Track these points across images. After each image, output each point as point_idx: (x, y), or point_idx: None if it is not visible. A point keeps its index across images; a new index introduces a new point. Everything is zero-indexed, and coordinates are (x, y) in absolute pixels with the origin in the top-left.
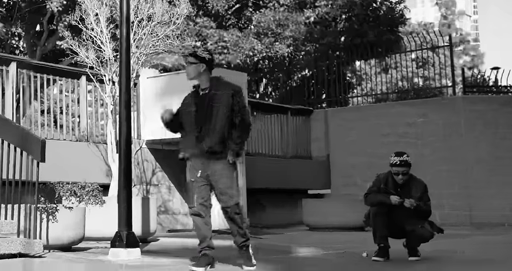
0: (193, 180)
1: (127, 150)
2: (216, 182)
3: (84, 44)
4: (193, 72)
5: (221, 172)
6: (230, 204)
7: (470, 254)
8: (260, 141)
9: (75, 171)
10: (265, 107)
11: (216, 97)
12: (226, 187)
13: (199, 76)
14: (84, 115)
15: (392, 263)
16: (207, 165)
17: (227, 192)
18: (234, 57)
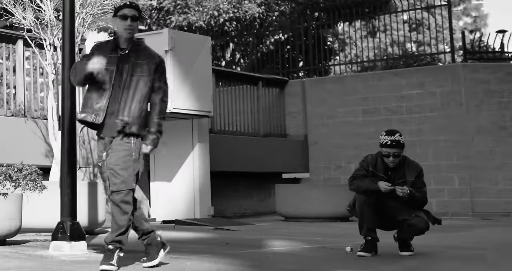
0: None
1: (71, 126)
2: (110, 159)
3: (20, 3)
4: (136, 29)
5: (115, 148)
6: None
7: (467, 249)
8: (227, 116)
9: (10, 151)
10: (232, 76)
11: (137, 65)
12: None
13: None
14: (20, 86)
15: (380, 258)
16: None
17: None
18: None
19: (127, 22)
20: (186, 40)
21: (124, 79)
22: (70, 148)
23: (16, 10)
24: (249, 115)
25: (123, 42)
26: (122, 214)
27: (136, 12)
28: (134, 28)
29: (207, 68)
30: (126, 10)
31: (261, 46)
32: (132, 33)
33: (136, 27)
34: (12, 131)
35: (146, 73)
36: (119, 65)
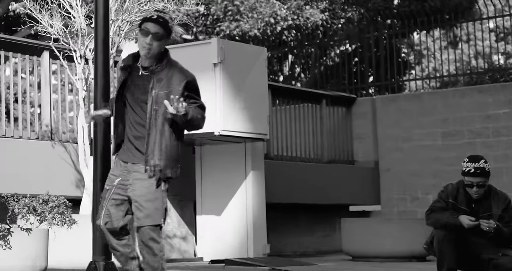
0: (108, 188)
1: (104, 151)
2: (134, 191)
3: (47, 9)
4: (159, 49)
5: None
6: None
7: None
8: (285, 139)
9: (34, 180)
10: (292, 93)
11: (161, 83)
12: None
13: (153, 56)
14: (46, 104)
15: None
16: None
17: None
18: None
19: (147, 39)
20: (238, 51)
21: (145, 107)
22: (104, 176)
23: (41, 16)
24: (311, 139)
25: (145, 60)
26: (153, 255)
27: (162, 30)
28: (154, 48)
29: (262, 83)
30: (150, 25)
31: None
32: (150, 53)
33: (158, 48)
34: (37, 157)
35: (172, 88)
36: (139, 87)
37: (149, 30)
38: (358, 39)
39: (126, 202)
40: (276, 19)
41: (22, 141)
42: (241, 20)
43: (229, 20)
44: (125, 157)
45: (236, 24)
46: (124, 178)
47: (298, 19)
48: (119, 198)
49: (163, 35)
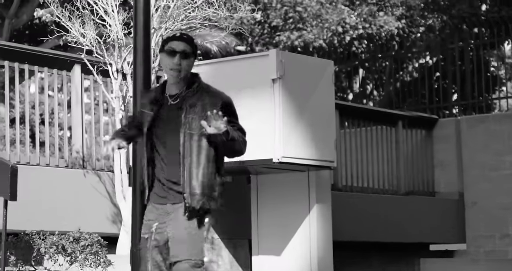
0: (147, 236)
1: None
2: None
3: (78, 16)
4: (188, 69)
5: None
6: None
7: None
8: (355, 167)
9: (63, 214)
10: (363, 114)
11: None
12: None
13: (183, 78)
14: (78, 127)
15: None
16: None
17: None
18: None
19: (174, 59)
20: (301, 65)
21: (178, 138)
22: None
23: (72, 24)
24: (385, 166)
25: (173, 86)
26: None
27: (188, 47)
28: (183, 69)
29: (328, 102)
30: (175, 44)
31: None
32: (179, 76)
33: (187, 68)
34: (67, 188)
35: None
36: (169, 119)
37: (174, 49)
38: (440, 50)
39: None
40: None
41: (49, 169)
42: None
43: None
44: (159, 198)
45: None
46: (161, 220)
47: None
48: (161, 244)
49: (190, 53)
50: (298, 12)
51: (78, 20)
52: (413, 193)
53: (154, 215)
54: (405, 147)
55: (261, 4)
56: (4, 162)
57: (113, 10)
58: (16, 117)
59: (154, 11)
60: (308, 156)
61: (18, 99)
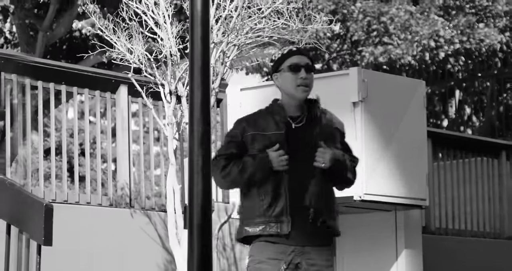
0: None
1: (204, 223)
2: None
3: (124, 28)
4: (312, 85)
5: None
6: None
7: None
8: (450, 206)
9: (107, 261)
10: (459, 143)
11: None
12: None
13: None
14: (124, 158)
15: None
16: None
17: None
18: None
19: (301, 73)
20: (387, 85)
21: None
22: (203, 256)
23: (117, 38)
24: (486, 205)
25: (294, 108)
26: None
27: (309, 60)
28: (310, 83)
29: (419, 130)
30: (296, 58)
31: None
32: (309, 91)
33: (312, 83)
34: (111, 230)
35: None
36: (295, 144)
37: (298, 63)
38: None
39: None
40: (438, 41)
41: (90, 208)
42: (390, 43)
43: (374, 43)
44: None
45: (383, 48)
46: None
47: (468, 42)
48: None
49: (313, 66)
50: (383, 23)
51: (124, 33)
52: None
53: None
54: (509, 182)
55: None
56: (38, 201)
57: (166, 22)
58: (52, 147)
59: (214, 22)
60: (395, 193)
61: (53, 126)
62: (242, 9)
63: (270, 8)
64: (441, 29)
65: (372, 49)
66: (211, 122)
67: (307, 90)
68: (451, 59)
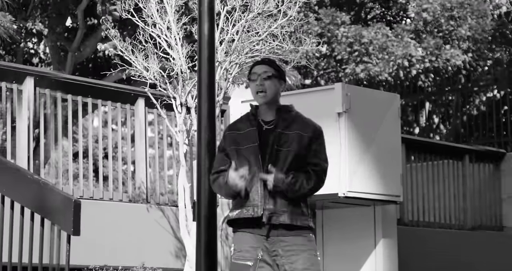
0: (250, 264)
1: (209, 216)
2: (293, 263)
3: (141, 49)
4: (274, 89)
5: (299, 247)
6: None
7: None
8: (421, 202)
9: (127, 249)
10: (429, 148)
11: (284, 137)
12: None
13: (274, 99)
14: (141, 161)
15: None
16: (275, 239)
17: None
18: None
19: (257, 81)
20: (367, 98)
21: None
22: (209, 245)
23: (135, 58)
24: (452, 201)
25: (266, 112)
26: None
27: (270, 69)
28: (267, 89)
29: (394, 136)
30: (256, 68)
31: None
32: (266, 96)
33: (271, 88)
34: (130, 223)
35: (296, 148)
36: (264, 144)
37: (256, 72)
38: (508, 83)
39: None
40: (410, 61)
41: (112, 203)
42: (369, 62)
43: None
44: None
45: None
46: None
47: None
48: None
49: (272, 75)
50: (363, 45)
51: (141, 54)
52: (481, 227)
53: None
54: (472, 181)
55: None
56: (67, 197)
57: (177, 44)
58: (79, 151)
59: (218, 44)
60: (374, 191)
61: (81, 133)
62: (243, 33)
63: (267, 32)
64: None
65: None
66: (216, 130)
67: (264, 96)
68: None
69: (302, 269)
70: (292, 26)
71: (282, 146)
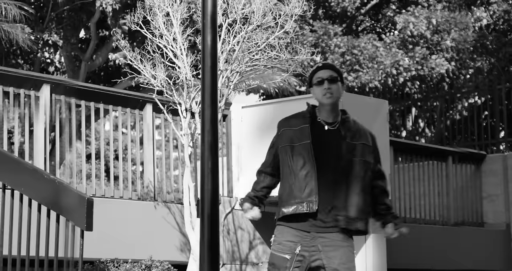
0: (288, 257)
1: (212, 213)
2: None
3: (149, 58)
4: (339, 91)
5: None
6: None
7: None
8: (407, 200)
9: (136, 244)
10: (415, 150)
11: (353, 147)
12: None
13: (338, 101)
14: (149, 162)
15: None
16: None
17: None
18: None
19: (324, 85)
20: (358, 104)
21: (337, 164)
22: (212, 239)
23: (143, 67)
24: (436, 199)
25: (327, 114)
26: None
27: (334, 73)
28: (335, 91)
29: (383, 139)
30: (320, 72)
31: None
32: (333, 97)
33: (337, 91)
34: (139, 219)
35: (364, 157)
36: (327, 144)
37: (321, 77)
38: (488, 91)
39: None
40: (398, 69)
41: (122, 201)
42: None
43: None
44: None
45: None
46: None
47: (422, 70)
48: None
49: (337, 77)
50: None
51: (149, 63)
52: (463, 223)
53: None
54: (455, 181)
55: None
56: (81, 195)
57: (182, 53)
58: (92, 153)
59: (220, 54)
60: None
61: (93, 136)
62: (243, 44)
63: (265, 42)
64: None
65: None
66: (218, 134)
67: (330, 97)
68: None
69: (339, 263)
70: (289, 37)
71: (355, 155)
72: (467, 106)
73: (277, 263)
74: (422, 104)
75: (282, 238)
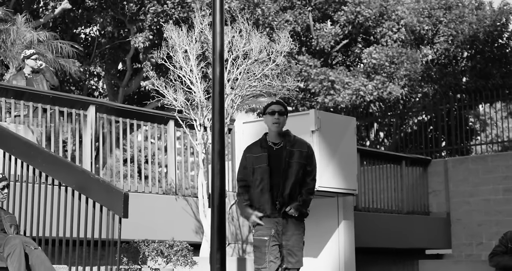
0: (266, 238)
1: (220, 204)
2: (288, 241)
3: (171, 85)
4: (284, 122)
5: (293, 231)
6: (296, 267)
7: None
8: (371, 194)
9: (161, 227)
10: (377, 156)
11: (291, 153)
12: (297, 249)
13: (281, 130)
14: (172, 165)
15: None
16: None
17: (297, 254)
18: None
19: (275, 116)
20: (332, 120)
21: (283, 168)
22: (220, 224)
23: (167, 92)
24: (393, 193)
25: (275, 137)
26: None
27: (282, 108)
28: (281, 122)
29: (352, 147)
30: (274, 106)
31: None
32: (279, 127)
33: (283, 121)
34: (164, 209)
35: (300, 160)
36: (275, 158)
37: (274, 109)
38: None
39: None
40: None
41: (151, 195)
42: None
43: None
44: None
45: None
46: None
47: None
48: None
49: (284, 112)
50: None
51: (172, 89)
52: (413, 212)
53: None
54: (407, 179)
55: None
56: (119, 190)
57: (197, 81)
58: (128, 158)
59: (226, 81)
60: (337, 186)
61: (129, 145)
62: (244, 74)
63: (261, 73)
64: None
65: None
66: (225, 143)
67: (278, 126)
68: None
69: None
70: (279, 69)
71: (292, 159)
72: (416, 122)
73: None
74: (381, 121)
75: (260, 226)
